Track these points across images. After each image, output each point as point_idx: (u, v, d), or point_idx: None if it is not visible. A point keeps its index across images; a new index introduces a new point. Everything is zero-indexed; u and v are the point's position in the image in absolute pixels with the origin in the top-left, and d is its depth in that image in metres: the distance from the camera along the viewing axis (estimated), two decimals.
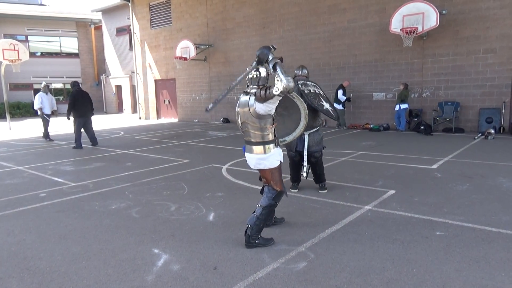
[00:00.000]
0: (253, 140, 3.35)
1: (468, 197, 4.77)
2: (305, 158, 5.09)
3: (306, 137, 5.05)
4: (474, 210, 4.26)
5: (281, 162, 3.46)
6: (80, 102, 9.78)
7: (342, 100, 12.71)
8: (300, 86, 4.95)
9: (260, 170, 3.48)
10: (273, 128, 3.36)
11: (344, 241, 3.50)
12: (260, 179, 3.71)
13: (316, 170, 5.20)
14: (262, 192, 3.58)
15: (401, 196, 4.89)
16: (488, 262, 3.02)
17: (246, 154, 3.49)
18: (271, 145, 3.36)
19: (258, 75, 3.31)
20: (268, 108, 3.20)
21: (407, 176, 5.97)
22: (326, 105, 5.09)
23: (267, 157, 3.34)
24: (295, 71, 5.35)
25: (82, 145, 9.94)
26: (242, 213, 4.26)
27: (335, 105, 12.29)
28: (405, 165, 6.79)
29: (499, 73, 10.75)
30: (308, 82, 5.14)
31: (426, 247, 3.33)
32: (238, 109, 3.43)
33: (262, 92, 3.14)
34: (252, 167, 3.48)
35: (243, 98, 3.35)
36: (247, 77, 3.37)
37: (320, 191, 5.13)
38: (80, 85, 10.43)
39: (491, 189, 5.09)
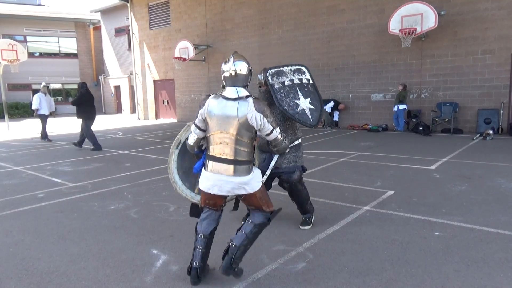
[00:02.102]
0: (234, 158, 2.63)
1: (467, 198, 4.77)
2: (264, 177, 3.31)
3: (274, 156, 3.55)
4: (473, 211, 4.27)
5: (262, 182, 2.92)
6: (86, 104, 9.62)
7: (328, 111, 13.17)
8: (270, 78, 3.55)
9: (245, 198, 2.79)
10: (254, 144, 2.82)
11: (343, 242, 3.50)
12: (236, 208, 3.15)
13: (295, 199, 3.87)
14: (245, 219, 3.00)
15: (399, 196, 4.89)
16: (487, 262, 3.03)
17: (211, 175, 2.67)
18: (253, 165, 2.79)
19: (239, 71, 2.67)
20: (258, 123, 2.65)
21: (405, 177, 5.97)
22: (303, 105, 3.55)
23: (250, 180, 2.68)
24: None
25: (83, 145, 9.89)
26: (240, 214, 4.25)
27: None
28: (404, 166, 6.80)
29: (497, 74, 10.78)
30: (284, 69, 3.67)
31: (424, 247, 3.33)
32: (209, 115, 2.66)
33: (268, 111, 2.65)
34: (222, 193, 2.69)
35: (225, 102, 2.63)
36: (224, 75, 2.71)
37: (301, 227, 3.84)
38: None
39: (490, 190, 5.10)
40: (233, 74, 2.65)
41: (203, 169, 2.78)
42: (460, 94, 11.42)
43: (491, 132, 9.86)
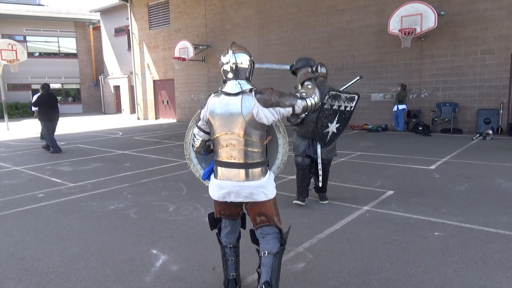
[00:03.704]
0: (244, 161, 2.35)
1: (466, 198, 4.78)
2: (320, 166, 4.48)
3: (319, 144, 4.44)
4: (472, 211, 4.27)
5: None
6: (48, 105, 9.39)
7: None
8: (326, 97, 4.14)
9: (253, 206, 2.43)
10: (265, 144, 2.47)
11: (343, 242, 3.50)
12: (243, 225, 2.76)
13: (323, 178, 4.65)
14: (253, 239, 2.63)
15: (399, 196, 4.89)
16: (486, 262, 3.03)
17: (223, 182, 2.39)
18: (267, 167, 2.49)
19: (240, 64, 2.41)
20: (273, 117, 2.34)
21: (405, 177, 5.98)
22: (331, 128, 4.34)
23: (267, 184, 2.40)
24: None
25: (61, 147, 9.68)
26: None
27: None
28: (404, 166, 6.80)
29: (497, 74, 10.78)
30: (342, 96, 4.33)
31: (424, 247, 3.33)
32: (212, 115, 2.39)
33: (276, 97, 2.31)
34: (239, 199, 2.39)
35: (227, 99, 2.34)
36: (223, 68, 2.45)
37: (320, 202, 4.70)
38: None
39: (489, 190, 5.11)
40: (233, 67, 2.39)
41: (212, 176, 2.51)
42: (460, 94, 11.42)
43: (490, 132, 9.86)
